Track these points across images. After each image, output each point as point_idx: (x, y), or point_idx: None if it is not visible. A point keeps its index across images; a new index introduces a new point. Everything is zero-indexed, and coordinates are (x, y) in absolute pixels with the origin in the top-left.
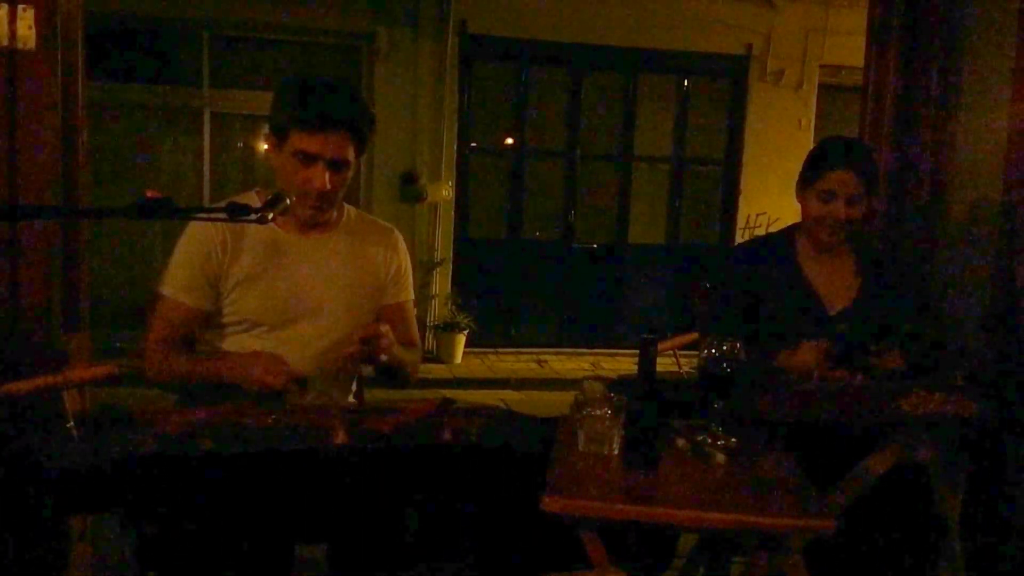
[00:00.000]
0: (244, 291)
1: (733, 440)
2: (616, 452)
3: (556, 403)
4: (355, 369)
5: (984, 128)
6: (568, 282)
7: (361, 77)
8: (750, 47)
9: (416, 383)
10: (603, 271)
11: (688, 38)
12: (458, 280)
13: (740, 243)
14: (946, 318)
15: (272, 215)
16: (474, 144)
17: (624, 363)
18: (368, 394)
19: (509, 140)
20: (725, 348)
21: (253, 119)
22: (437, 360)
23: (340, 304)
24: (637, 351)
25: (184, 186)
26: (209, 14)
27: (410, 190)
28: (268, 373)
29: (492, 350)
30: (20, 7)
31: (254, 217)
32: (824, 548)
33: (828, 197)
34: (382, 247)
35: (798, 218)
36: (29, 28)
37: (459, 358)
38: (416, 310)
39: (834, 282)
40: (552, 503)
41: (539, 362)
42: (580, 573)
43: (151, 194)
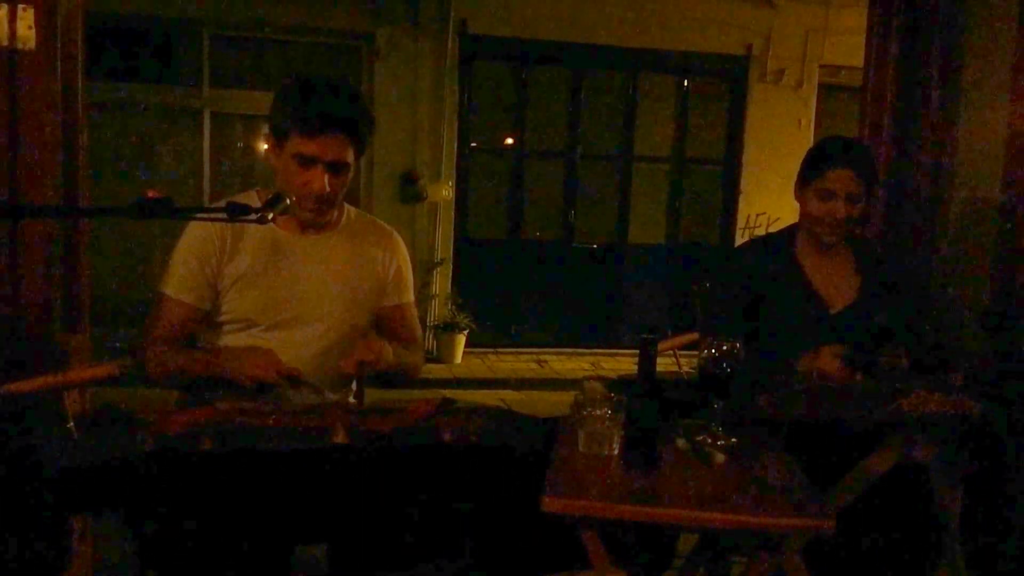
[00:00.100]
0: (242, 290)
1: (733, 440)
2: (616, 452)
3: (556, 403)
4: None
5: (984, 128)
6: (568, 282)
7: (361, 77)
8: (750, 47)
9: (416, 383)
10: (603, 271)
11: (688, 38)
12: (458, 280)
13: (740, 244)
14: (946, 317)
15: (272, 215)
16: (474, 144)
17: (624, 363)
18: (368, 394)
19: (509, 140)
20: (725, 348)
21: (253, 119)
22: (437, 360)
23: (339, 304)
24: (637, 351)
25: (184, 186)
26: (209, 14)
27: (410, 190)
28: (258, 367)
29: (492, 350)
30: (20, 7)
31: (254, 217)
32: (824, 548)
33: (827, 196)
34: (382, 248)
35: (798, 218)
36: (29, 28)
37: (459, 358)
38: (416, 310)
39: (834, 281)
40: (552, 503)
41: (539, 362)
42: (580, 573)
43: (151, 194)
